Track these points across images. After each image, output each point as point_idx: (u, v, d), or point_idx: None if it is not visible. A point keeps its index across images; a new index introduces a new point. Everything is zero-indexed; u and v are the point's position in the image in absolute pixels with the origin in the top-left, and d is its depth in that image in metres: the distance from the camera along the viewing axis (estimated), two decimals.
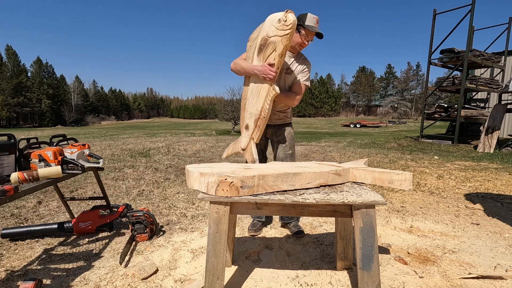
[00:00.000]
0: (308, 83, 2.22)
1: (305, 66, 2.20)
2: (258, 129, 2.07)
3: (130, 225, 2.18)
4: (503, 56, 10.36)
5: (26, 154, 1.84)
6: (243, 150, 2.14)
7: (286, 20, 1.82)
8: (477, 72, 11.42)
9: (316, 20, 2.07)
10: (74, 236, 2.32)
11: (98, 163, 2.08)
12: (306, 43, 2.12)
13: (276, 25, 1.85)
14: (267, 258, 1.96)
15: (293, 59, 2.19)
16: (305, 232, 2.37)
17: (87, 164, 2.01)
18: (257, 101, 2.04)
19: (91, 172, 2.28)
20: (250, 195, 1.34)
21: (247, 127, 2.11)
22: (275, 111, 2.24)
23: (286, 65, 2.17)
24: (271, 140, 2.37)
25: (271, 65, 1.91)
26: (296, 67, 2.18)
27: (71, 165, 1.94)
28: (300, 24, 2.07)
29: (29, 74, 55.30)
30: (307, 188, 1.45)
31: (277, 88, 1.97)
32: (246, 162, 2.11)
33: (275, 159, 2.34)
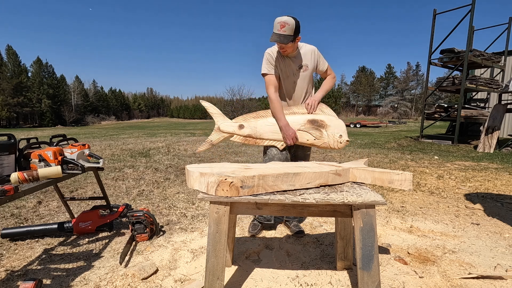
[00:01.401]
0: (326, 63, 2.29)
1: (316, 55, 2.20)
2: (241, 140, 2.16)
3: (130, 225, 2.18)
4: (503, 56, 10.36)
5: (26, 154, 1.84)
6: (220, 130, 2.17)
7: (341, 143, 2.08)
8: (477, 72, 11.42)
9: (279, 26, 1.92)
10: (74, 236, 2.32)
11: (98, 163, 2.08)
12: (282, 50, 2.04)
13: (336, 135, 2.08)
14: (267, 258, 1.96)
15: (297, 57, 2.16)
16: (305, 232, 2.37)
17: (87, 164, 2.01)
18: (267, 132, 2.13)
19: (91, 172, 2.28)
20: (250, 195, 1.34)
21: (241, 127, 2.14)
22: None
23: (299, 63, 2.15)
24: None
25: (298, 138, 2.08)
26: (308, 61, 2.17)
27: (71, 165, 1.94)
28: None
29: (29, 74, 55.30)
30: (307, 188, 1.45)
31: (283, 147, 2.13)
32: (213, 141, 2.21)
33: (293, 157, 2.34)
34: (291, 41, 1.97)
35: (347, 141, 2.08)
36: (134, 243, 2.18)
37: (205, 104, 2.22)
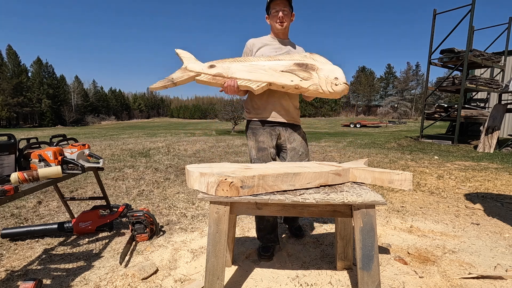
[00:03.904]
0: None
1: (302, 50, 2.03)
2: (209, 79, 1.76)
3: (130, 225, 2.18)
4: (503, 56, 10.35)
5: (26, 154, 1.84)
6: (186, 68, 1.79)
7: (336, 85, 1.67)
8: (477, 72, 11.42)
9: None
10: (74, 236, 2.32)
11: (98, 163, 2.08)
12: (280, 17, 1.87)
13: (331, 76, 1.69)
14: None
15: (288, 46, 2.00)
16: (305, 232, 2.37)
17: (87, 164, 2.01)
18: (240, 71, 1.73)
19: (91, 172, 2.28)
20: (250, 195, 1.34)
21: (211, 67, 1.77)
22: (290, 110, 1.96)
23: (288, 49, 1.98)
24: (282, 146, 1.99)
25: (278, 80, 1.70)
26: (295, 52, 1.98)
27: (71, 165, 1.94)
28: (267, 8, 1.91)
29: (29, 74, 55.33)
30: (307, 188, 1.45)
31: (259, 88, 1.70)
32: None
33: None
34: (290, 7, 1.88)
35: (345, 83, 1.68)
36: (134, 243, 2.18)
37: (178, 50, 1.90)
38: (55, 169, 1.67)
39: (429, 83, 11.90)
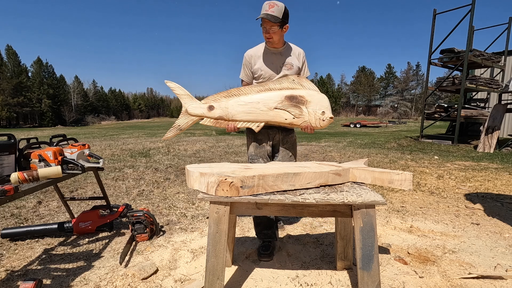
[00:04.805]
0: (309, 73, 2.15)
1: (303, 58, 2.07)
2: (212, 123, 1.94)
3: (130, 225, 2.18)
4: (503, 56, 10.36)
5: (26, 154, 1.84)
6: (188, 113, 1.95)
7: (323, 120, 1.87)
8: (477, 72, 11.42)
9: (268, 6, 1.84)
10: (74, 236, 2.32)
11: (98, 163, 2.08)
12: (267, 34, 1.91)
13: (318, 111, 1.88)
14: None
15: (284, 54, 2.02)
16: (305, 232, 2.37)
17: (87, 164, 2.01)
18: (240, 113, 1.90)
19: (91, 172, 2.28)
20: (250, 195, 1.34)
21: (211, 108, 1.93)
22: None
23: (284, 60, 2.01)
24: (275, 146, 2.14)
25: (274, 118, 1.90)
26: (294, 60, 2.03)
27: (71, 165, 1.94)
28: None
29: (29, 74, 55.33)
30: (307, 188, 1.45)
31: (259, 128, 1.92)
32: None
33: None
34: (278, 24, 1.86)
35: (330, 118, 1.88)
36: (134, 243, 2.18)
37: (171, 85, 1.98)
38: (55, 169, 1.67)
39: (429, 83, 11.92)
